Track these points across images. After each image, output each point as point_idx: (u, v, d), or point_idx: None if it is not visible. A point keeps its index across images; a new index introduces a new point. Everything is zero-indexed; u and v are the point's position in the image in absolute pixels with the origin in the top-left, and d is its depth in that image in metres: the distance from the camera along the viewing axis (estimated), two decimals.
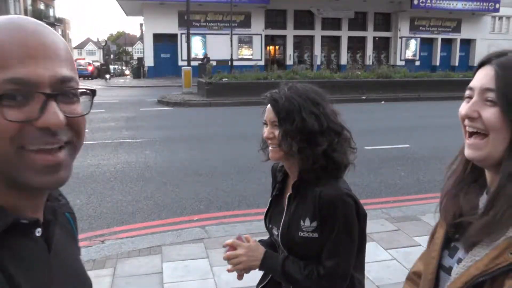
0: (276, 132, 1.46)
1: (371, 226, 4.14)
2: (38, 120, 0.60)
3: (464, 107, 0.97)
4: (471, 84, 0.97)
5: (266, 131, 1.49)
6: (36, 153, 0.61)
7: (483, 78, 0.95)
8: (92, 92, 0.69)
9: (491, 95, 0.92)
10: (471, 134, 0.96)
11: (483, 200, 1.00)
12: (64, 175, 0.65)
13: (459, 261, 0.97)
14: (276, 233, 1.58)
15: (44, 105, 0.60)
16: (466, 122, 0.97)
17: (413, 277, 1.25)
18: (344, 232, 1.44)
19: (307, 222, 1.47)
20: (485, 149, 0.93)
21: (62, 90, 0.63)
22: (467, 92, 0.98)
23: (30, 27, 0.63)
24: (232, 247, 1.56)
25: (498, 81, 0.92)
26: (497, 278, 0.83)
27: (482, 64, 0.98)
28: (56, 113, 0.61)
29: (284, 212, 1.54)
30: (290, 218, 1.51)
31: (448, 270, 1.01)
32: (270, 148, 1.51)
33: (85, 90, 0.67)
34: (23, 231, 0.65)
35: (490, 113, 0.92)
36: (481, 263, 0.87)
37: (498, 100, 0.91)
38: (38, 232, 0.67)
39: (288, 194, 1.54)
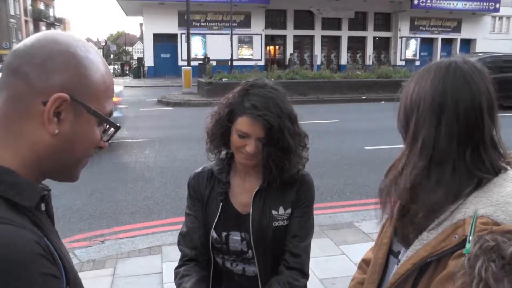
0: (260, 147, 1.40)
1: (371, 226, 4.14)
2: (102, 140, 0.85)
3: None
4: None
5: (251, 146, 1.38)
6: (89, 156, 0.84)
7: None
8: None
9: None
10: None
11: None
12: None
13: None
14: (237, 238, 1.49)
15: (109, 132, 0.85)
16: None
17: (363, 264, 1.32)
18: (312, 216, 1.54)
19: (281, 210, 1.47)
20: None
21: None
22: None
23: (104, 63, 0.82)
24: None
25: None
26: (443, 259, 0.91)
27: None
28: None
29: (251, 209, 1.47)
30: (261, 212, 1.47)
31: (397, 255, 1.08)
32: (248, 159, 1.43)
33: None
34: (37, 204, 0.78)
35: None
36: (429, 246, 0.93)
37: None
38: (43, 206, 0.81)
39: (256, 189, 1.48)
